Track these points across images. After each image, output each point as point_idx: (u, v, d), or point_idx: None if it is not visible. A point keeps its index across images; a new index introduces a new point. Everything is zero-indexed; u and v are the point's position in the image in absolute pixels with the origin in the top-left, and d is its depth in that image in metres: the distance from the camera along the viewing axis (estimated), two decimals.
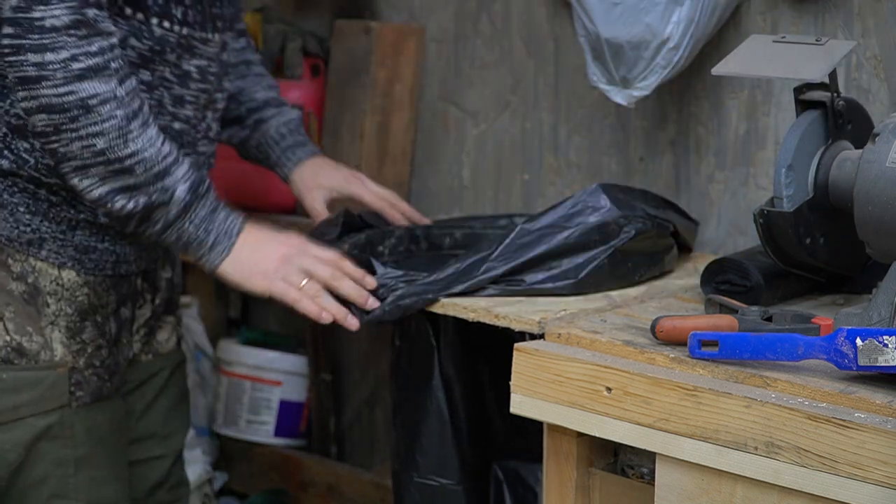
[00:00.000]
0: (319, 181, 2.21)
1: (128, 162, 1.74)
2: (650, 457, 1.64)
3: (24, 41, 1.67)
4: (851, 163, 1.73)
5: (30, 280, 1.84)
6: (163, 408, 2.11)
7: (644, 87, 2.07)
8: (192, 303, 2.87)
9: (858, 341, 1.48)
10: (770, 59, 1.75)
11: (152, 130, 1.76)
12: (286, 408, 2.76)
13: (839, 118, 1.78)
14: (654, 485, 1.61)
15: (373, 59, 2.54)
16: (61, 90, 1.69)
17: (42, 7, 1.66)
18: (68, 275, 1.86)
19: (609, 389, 1.61)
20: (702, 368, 1.59)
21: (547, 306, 1.84)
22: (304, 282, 1.87)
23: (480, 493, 2.07)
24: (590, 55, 2.11)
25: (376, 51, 2.54)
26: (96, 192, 1.76)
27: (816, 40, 1.75)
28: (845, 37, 2.06)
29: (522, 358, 1.70)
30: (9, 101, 1.79)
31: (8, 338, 1.84)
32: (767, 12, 2.14)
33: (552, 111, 2.44)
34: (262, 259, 1.86)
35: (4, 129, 1.81)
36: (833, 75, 1.76)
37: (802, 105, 1.79)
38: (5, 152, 1.81)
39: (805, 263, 1.82)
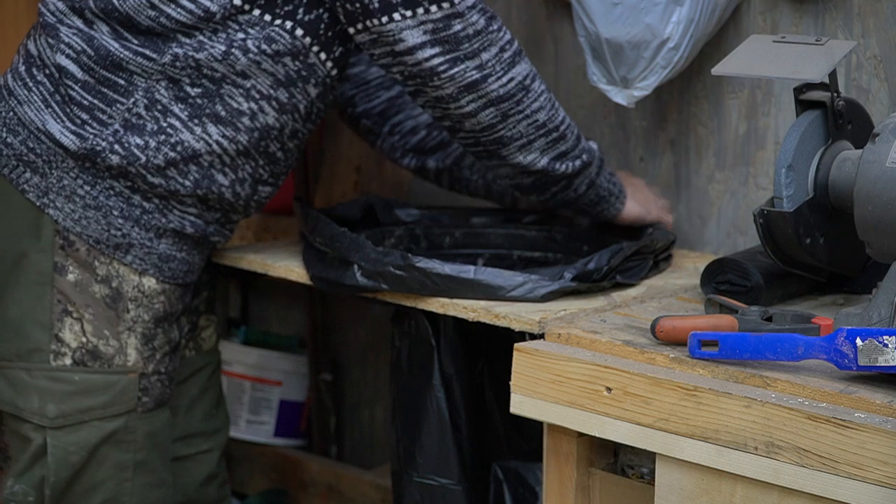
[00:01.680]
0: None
1: (562, 128, 1.93)
2: (650, 457, 1.64)
3: (458, 53, 1.80)
4: (851, 163, 1.73)
5: (113, 284, 1.85)
6: (208, 403, 2.14)
7: (644, 87, 2.07)
8: None
9: (858, 341, 1.48)
10: (770, 59, 1.75)
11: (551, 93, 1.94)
12: (286, 408, 2.76)
13: (839, 118, 1.78)
14: (654, 485, 1.61)
15: None
16: (504, 79, 1.85)
17: (459, 20, 1.79)
18: (148, 282, 1.88)
19: (609, 389, 1.61)
20: (702, 368, 1.59)
21: (547, 306, 1.84)
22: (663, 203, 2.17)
23: (480, 493, 2.07)
24: (590, 55, 2.11)
25: None
26: (540, 164, 1.93)
27: (816, 40, 1.75)
28: (845, 37, 2.06)
29: (522, 358, 1.70)
30: (134, 99, 1.80)
31: (84, 339, 1.85)
32: (767, 12, 2.14)
33: None
34: (640, 193, 2.11)
35: (118, 125, 1.81)
36: (833, 75, 1.76)
37: (802, 105, 1.79)
38: (116, 147, 1.81)
39: (805, 263, 1.82)
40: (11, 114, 1.85)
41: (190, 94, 1.81)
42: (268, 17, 1.79)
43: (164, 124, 1.81)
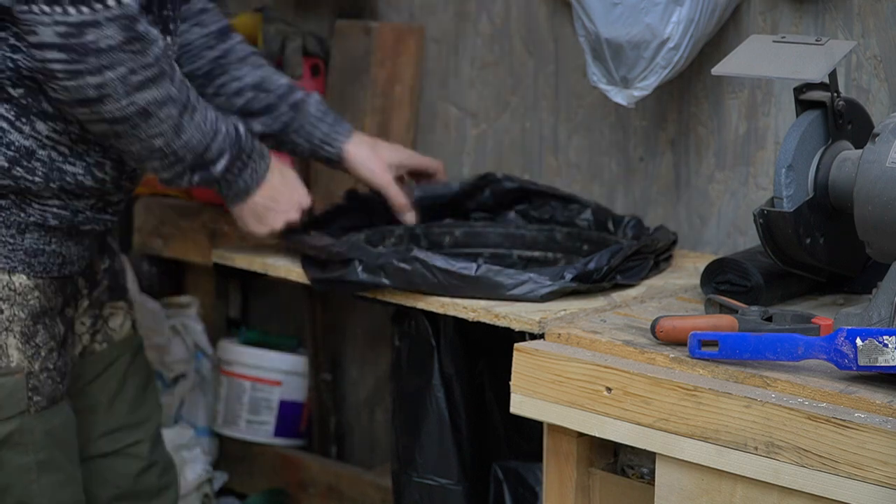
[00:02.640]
0: (380, 154, 2.20)
1: (180, 152, 1.87)
2: (650, 457, 1.64)
3: (80, 65, 1.72)
4: (851, 163, 1.73)
5: None
6: (129, 395, 2.10)
7: (644, 87, 2.07)
8: (192, 303, 2.87)
9: (858, 341, 1.48)
10: (770, 59, 1.75)
11: (199, 115, 1.87)
12: (286, 408, 2.76)
13: (839, 118, 1.78)
14: (654, 485, 1.61)
15: (373, 59, 2.54)
16: (123, 103, 1.77)
17: (93, 30, 1.71)
18: (19, 279, 1.85)
19: (609, 389, 1.61)
20: (702, 368, 1.59)
21: (547, 306, 1.84)
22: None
23: (480, 493, 2.07)
24: (590, 55, 2.11)
25: (376, 51, 2.54)
26: (162, 176, 1.91)
27: (816, 40, 1.75)
28: (845, 37, 2.06)
29: (522, 358, 1.70)
30: None
31: None
32: (767, 12, 2.14)
33: (552, 111, 2.44)
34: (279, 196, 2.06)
35: None
36: (833, 75, 1.76)
37: (802, 105, 1.79)
38: None
39: (805, 263, 1.82)
40: None
41: (13, 95, 1.81)
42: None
43: None
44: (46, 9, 1.70)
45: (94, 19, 1.71)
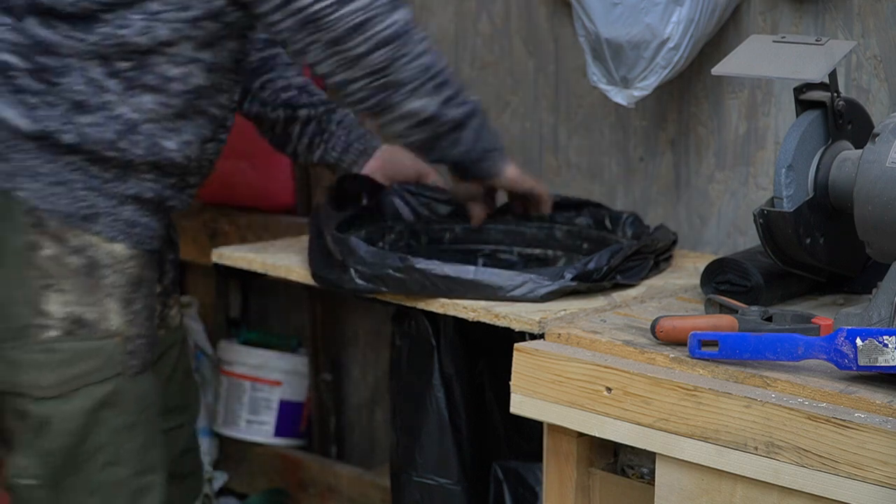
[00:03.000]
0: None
1: (446, 73, 1.97)
2: (650, 457, 1.64)
3: None
4: (851, 163, 1.73)
5: (88, 253, 1.91)
6: (178, 380, 2.20)
7: (644, 87, 2.07)
8: (192, 303, 2.87)
9: (858, 341, 1.48)
10: (770, 59, 1.75)
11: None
12: (286, 408, 2.76)
13: (839, 118, 1.78)
14: (654, 485, 1.61)
15: None
16: (387, 21, 1.88)
17: None
18: (120, 248, 1.93)
19: (609, 389, 1.61)
20: (702, 368, 1.59)
21: (547, 306, 1.84)
22: None
23: (480, 493, 2.07)
24: (590, 55, 2.11)
25: None
26: (430, 109, 1.96)
27: (816, 40, 1.75)
28: (845, 37, 2.06)
29: (522, 358, 1.70)
30: (72, 78, 1.87)
31: (68, 310, 1.90)
32: (767, 12, 2.14)
33: (552, 111, 2.44)
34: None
35: (66, 106, 1.87)
36: (833, 75, 1.76)
37: (802, 105, 1.79)
38: (68, 126, 1.87)
39: (805, 263, 1.82)
40: None
41: (121, 68, 1.88)
42: None
43: (104, 100, 1.88)
44: None
45: None
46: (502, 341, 1.85)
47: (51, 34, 1.86)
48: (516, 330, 1.80)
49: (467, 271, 1.88)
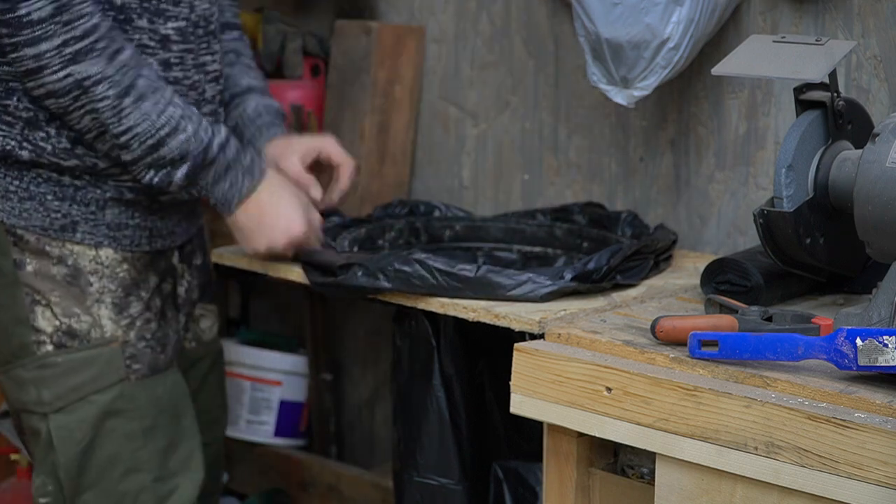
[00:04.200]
0: (292, 148, 2.16)
1: (124, 139, 1.86)
2: (650, 457, 1.64)
3: (18, 38, 1.79)
4: (851, 163, 1.73)
5: (69, 262, 1.91)
6: (207, 395, 2.18)
7: (644, 87, 2.07)
8: None
9: (858, 341, 1.48)
10: (770, 59, 1.75)
11: (148, 105, 1.85)
12: (286, 408, 2.76)
13: (839, 118, 1.78)
14: (654, 485, 1.61)
15: (373, 59, 2.54)
16: (60, 74, 1.81)
17: (25, 3, 1.78)
18: (106, 253, 1.93)
19: (609, 389, 1.61)
20: (702, 368, 1.59)
21: (547, 306, 1.84)
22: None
23: (480, 493, 2.07)
24: (590, 55, 2.11)
25: (376, 51, 2.54)
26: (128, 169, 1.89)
27: (816, 40, 1.75)
28: (845, 37, 2.06)
29: (522, 358, 1.70)
30: (16, 98, 1.87)
31: (57, 322, 1.90)
32: (767, 12, 2.14)
33: (552, 111, 2.44)
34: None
35: (21, 124, 1.88)
36: (833, 75, 1.76)
37: (802, 105, 1.79)
38: (24, 144, 1.88)
39: (805, 263, 1.82)
40: None
41: None
42: None
43: (50, 114, 1.87)
44: None
45: None
46: (502, 341, 1.85)
47: None
48: (516, 330, 1.80)
49: (469, 269, 1.88)
